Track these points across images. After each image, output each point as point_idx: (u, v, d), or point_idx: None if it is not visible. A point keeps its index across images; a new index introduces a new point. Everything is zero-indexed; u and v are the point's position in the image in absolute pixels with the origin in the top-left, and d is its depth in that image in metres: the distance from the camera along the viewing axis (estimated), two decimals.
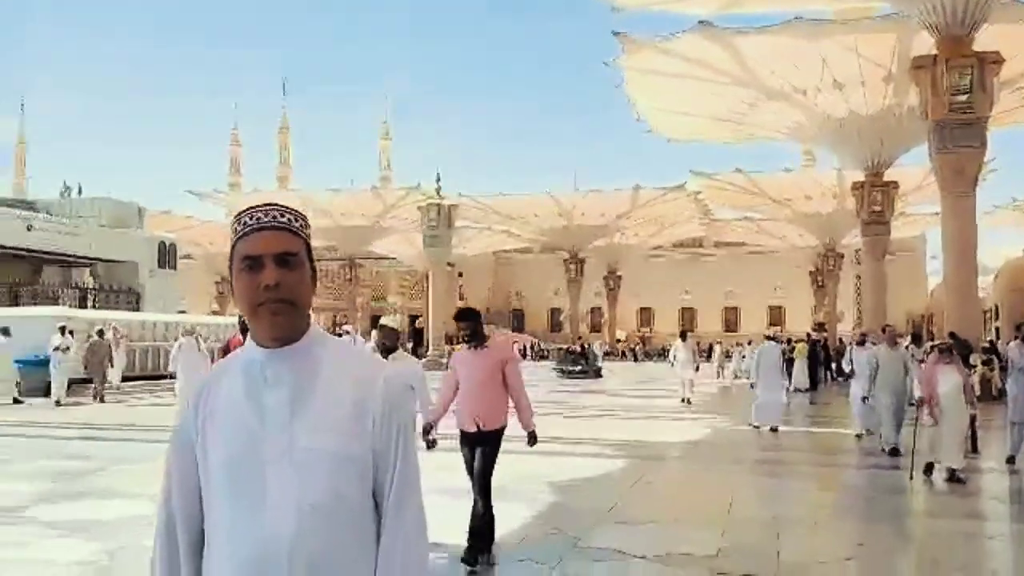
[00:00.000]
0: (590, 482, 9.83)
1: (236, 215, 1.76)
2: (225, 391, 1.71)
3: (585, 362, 35.70)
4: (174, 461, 1.74)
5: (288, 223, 1.73)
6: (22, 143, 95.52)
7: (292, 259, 1.70)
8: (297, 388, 1.67)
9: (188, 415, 1.73)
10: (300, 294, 1.70)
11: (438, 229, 44.10)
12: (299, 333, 1.72)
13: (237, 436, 1.65)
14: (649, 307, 76.06)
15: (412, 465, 1.73)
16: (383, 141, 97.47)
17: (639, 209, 58.01)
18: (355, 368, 1.74)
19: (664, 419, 17.53)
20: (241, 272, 1.69)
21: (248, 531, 1.60)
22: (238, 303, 1.71)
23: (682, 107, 36.88)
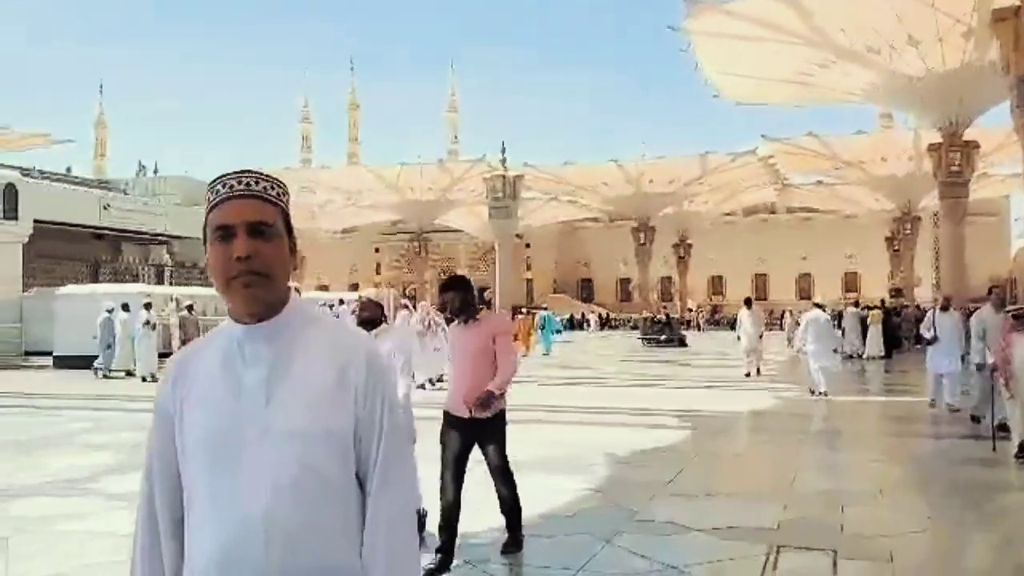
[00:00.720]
0: (650, 453, 9.72)
1: (210, 183, 1.68)
2: (204, 368, 1.65)
3: (670, 331, 35.92)
4: (154, 438, 1.69)
5: (263, 191, 1.65)
6: (102, 125, 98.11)
7: (267, 229, 1.62)
8: (275, 366, 1.61)
9: (166, 391, 1.68)
10: (276, 266, 1.63)
11: (503, 200, 44.07)
12: (277, 307, 1.65)
13: (214, 414, 1.60)
14: (720, 275, 75.04)
15: (397, 440, 1.67)
16: (450, 114, 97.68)
17: (708, 176, 57.03)
18: (336, 341, 1.67)
19: (730, 389, 17.28)
20: (214, 243, 1.62)
21: (225, 509, 1.56)
22: (212, 276, 1.64)
23: (750, 70, 35.95)
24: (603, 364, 26.10)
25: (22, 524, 6.56)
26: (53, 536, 6.24)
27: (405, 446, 1.71)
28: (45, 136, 56.07)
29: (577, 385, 18.99)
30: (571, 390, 17.86)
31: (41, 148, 56.88)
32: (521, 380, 19.23)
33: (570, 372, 22.62)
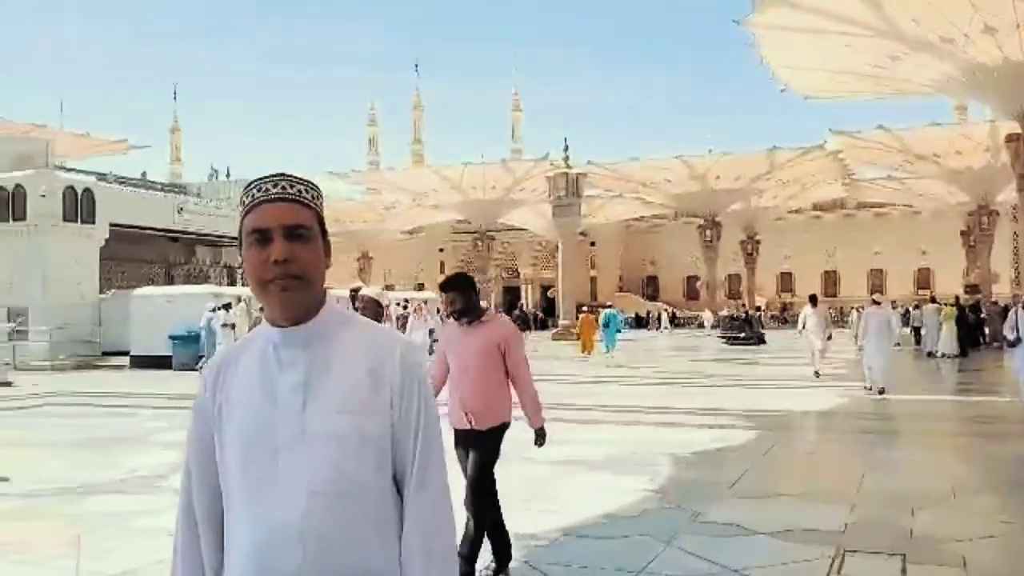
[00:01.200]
0: (716, 454, 9.62)
1: (245, 187, 1.69)
2: (241, 371, 1.67)
3: (749, 328, 35.71)
4: (193, 439, 1.71)
5: (299, 194, 1.65)
6: (176, 130, 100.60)
7: (303, 232, 1.62)
8: (311, 370, 1.62)
9: (206, 396, 1.69)
10: (312, 269, 1.63)
11: (566, 198, 43.93)
12: (313, 311, 1.65)
13: (251, 419, 1.61)
14: (790, 272, 73.64)
15: (434, 444, 1.66)
16: (514, 113, 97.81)
17: (776, 171, 56.09)
18: (370, 342, 1.67)
19: (800, 388, 16.95)
20: (250, 247, 1.62)
21: (261, 514, 1.57)
22: (248, 280, 1.64)
23: (818, 63, 35.29)
24: (671, 363, 25.89)
25: (96, 521, 6.77)
26: (126, 532, 6.43)
27: (441, 448, 1.68)
28: (123, 143, 57.86)
29: (643, 384, 18.86)
30: (637, 389, 17.75)
31: (119, 155, 58.75)
32: (587, 380, 19.28)
33: (636, 371, 22.49)
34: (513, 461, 9.19)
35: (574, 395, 16.23)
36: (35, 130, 43.35)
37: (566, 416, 13.11)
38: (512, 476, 8.41)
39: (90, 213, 27.36)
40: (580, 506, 7.14)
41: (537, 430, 5.42)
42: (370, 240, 71.59)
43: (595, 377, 20.48)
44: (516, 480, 8.22)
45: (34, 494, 7.87)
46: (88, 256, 27.42)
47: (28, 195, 26.11)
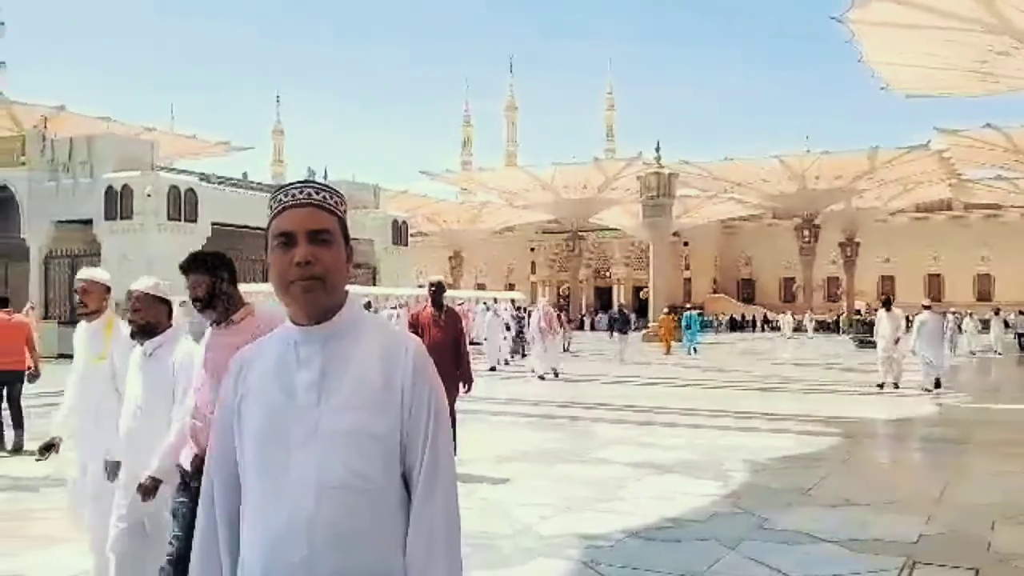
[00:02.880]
0: (792, 460, 9.42)
1: (273, 192, 1.77)
2: (262, 367, 1.73)
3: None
4: (217, 432, 1.78)
5: (322, 200, 1.73)
6: (279, 132, 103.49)
7: (326, 236, 1.69)
8: (326, 368, 1.68)
9: (229, 389, 1.77)
10: (333, 271, 1.69)
11: (658, 199, 43.52)
12: (332, 311, 1.71)
13: (267, 413, 1.68)
14: (891, 275, 71.29)
15: (443, 448, 1.70)
16: (608, 112, 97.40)
17: (878, 171, 54.43)
18: (385, 344, 1.72)
19: (885, 395, 16.38)
20: (275, 249, 1.70)
21: (273, 507, 1.63)
22: (272, 281, 1.71)
23: (921, 60, 34.06)
24: (757, 366, 25.42)
25: None
26: None
27: (450, 448, 1.72)
28: (224, 144, 59.79)
29: (723, 388, 18.57)
30: (717, 392, 17.51)
31: (222, 156, 60.77)
32: (666, 382, 19.10)
33: (719, 375, 22.18)
34: (586, 462, 9.29)
35: (651, 397, 16.15)
36: (143, 133, 45.17)
37: (640, 419, 13.09)
38: (582, 477, 8.48)
39: (193, 212, 28.38)
40: (647, 508, 7.11)
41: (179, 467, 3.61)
42: (462, 239, 72.31)
43: (674, 380, 20.28)
44: (586, 481, 8.27)
45: None
46: None
47: (135, 195, 27.25)
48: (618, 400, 15.43)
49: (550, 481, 8.32)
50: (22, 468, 8.86)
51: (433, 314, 8.19)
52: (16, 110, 45.58)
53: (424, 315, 8.22)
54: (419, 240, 54.55)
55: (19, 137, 31.80)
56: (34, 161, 29.27)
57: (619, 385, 18.98)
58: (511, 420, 13.07)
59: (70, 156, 29.01)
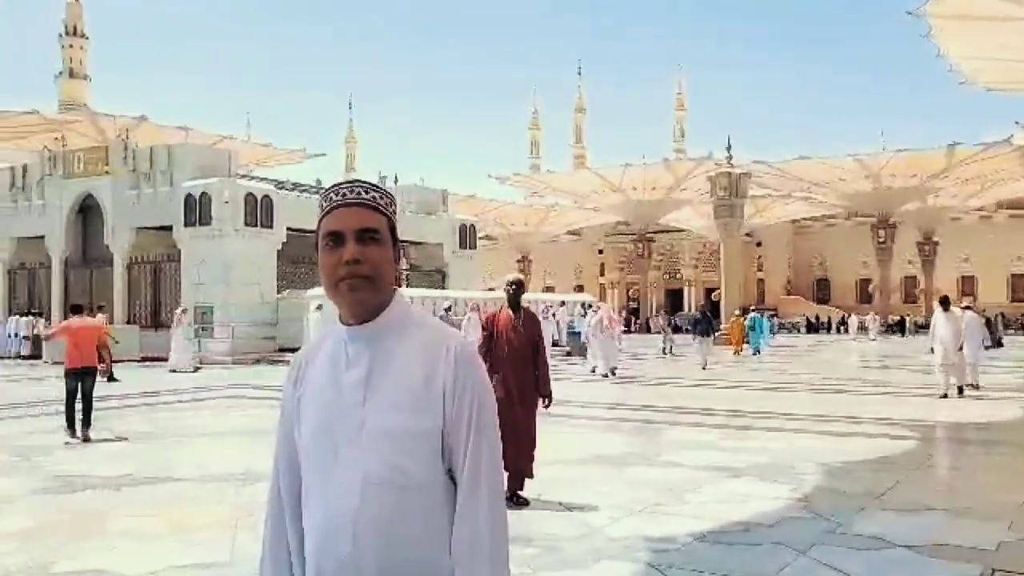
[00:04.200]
0: (865, 464, 9.24)
1: (323, 192, 1.79)
2: (317, 368, 1.78)
3: (988, 331, 35.37)
4: (280, 432, 1.84)
5: (372, 200, 1.75)
6: (351, 139, 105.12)
7: (374, 235, 1.72)
8: (373, 366, 1.71)
9: (288, 389, 1.82)
10: (380, 271, 1.71)
11: (729, 199, 42.97)
12: (380, 310, 1.73)
13: (320, 411, 1.72)
14: (972, 275, 69.18)
15: (488, 443, 1.70)
16: (678, 112, 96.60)
17: (956, 168, 52.97)
18: (429, 340, 1.73)
19: (964, 397, 15.88)
20: (325, 248, 1.72)
21: (322, 503, 1.68)
22: (322, 280, 1.73)
23: (1003, 53, 32.96)
24: (829, 369, 24.94)
25: (255, 507, 7.24)
26: None
27: (496, 445, 1.73)
28: (300, 151, 61.06)
29: (796, 391, 18.27)
30: (790, 395, 17.24)
31: (297, 164, 62.05)
32: (739, 385, 18.87)
33: (794, 376, 21.84)
34: (655, 465, 9.25)
35: (725, 400, 15.98)
36: (221, 141, 46.44)
37: (711, 421, 12.98)
38: (653, 479, 8.45)
39: (268, 218, 29.04)
40: (717, 512, 7.06)
41: None
42: (530, 242, 72.48)
43: (747, 383, 20.03)
44: (656, 483, 8.23)
45: (202, 479, 8.52)
46: (266, 258, 29.12)
47: (213, 201, 28.00)
48: (690, 403, 15.33)
49: (620, 484, 8.31)
50: (104, 467, 9.20)
51: (510, 317, 7.44)
52: (101, 121, 47.29)
53: (501, 318, 7.47)
54: (486, 244, 54.81)
55: (103, 147, 32.96)
56: (117, 170, 30.33)
57: (691, 388, 18.83)
58: (581, 423, 13.07)
59: (151, 165, 29.97)
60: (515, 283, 7.52)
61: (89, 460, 9.75)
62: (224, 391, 17.87)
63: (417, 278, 36.71)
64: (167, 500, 7.69)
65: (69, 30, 76.21)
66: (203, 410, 15.32)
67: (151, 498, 7.78)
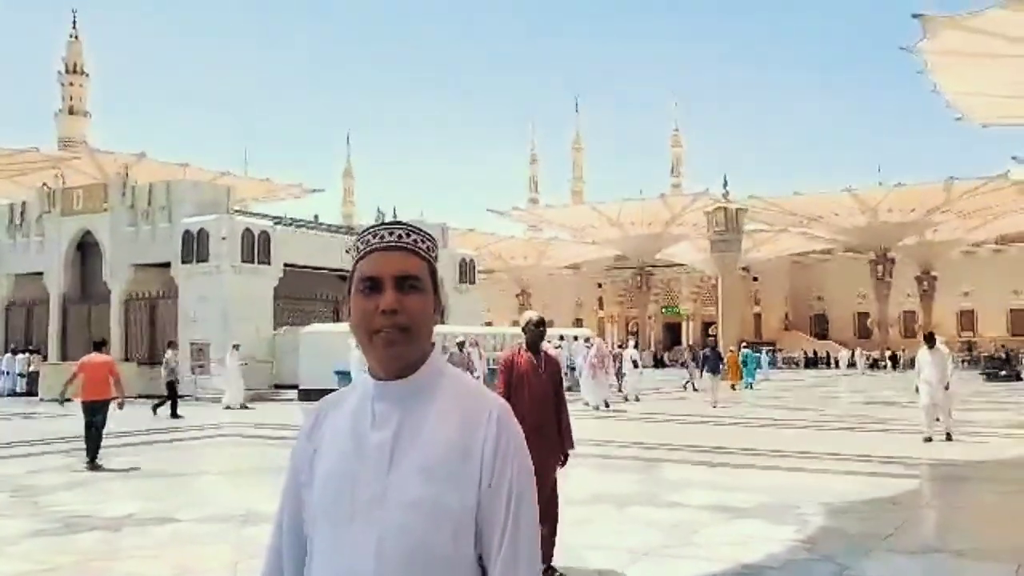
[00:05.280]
0: (870, 504, 9.16)
1: (360, 233, 1.66)
2: (337, 422, 1.62)
3: (1008, 367, 37.62)
4: (287, 487, 1.68)
5: (414, 244, 1.60)
6: (349, 174, 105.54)
7: (415, 283, 1.57)
8: (402, 429, 1.55)
9: (302, 442, 1.67)
10: (420, 321, 1.56)
11: (726, 234, 43.21)
12: (416, 366, 1.58)
13: (337, 471, 1.57)
14: (971, 309, 69.25)
15: (525, 532, 1.54)
16: (674, 149, 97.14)
17: (954, 203, 53.26)
18: (468, 406, 1.58)
19: (967, 435, 15.79)
20: (359, 294, 1.58)
21: (330, 567, 1.54)
22: (353, 329, 1.59)
23: (998, 89, 33.31)
24: (828, 406, 24.86)
25: (255, 549, 7.16)
26: None
27: (536, 527, 1.57)
28: (298, 186, 61.29)
29: (798, 428, 18.19)
30: (792, 433, 17.16)
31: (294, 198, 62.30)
32: (739, 422, 18.78)
33: (787, 413, 21.75)
34: (660, 505, 9.16)
35: (723, 437, 15.88)
36: (219, 177, 46.60)
37: (717, 460, 12.88)
38: (657, 520, 8.37)
39: (266, 254, 29.08)
40: (725, 554, 6.99)
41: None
42: (529, 276, 72.61)
43: (747, 419, 19.95)
44: (661, 524, 8.15)
45: (203, 520, 8.43)
46: (264, 294, 29.10)
47: (211, 238, 28.05)
48: (689, 439, 15.23)
49: (624, 525, 8.24)
50: (105, 507, 9.11)
51: (531, 360, 6.61)
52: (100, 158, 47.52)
53: (521, 361, 6.65)
54: (486, 277, 54.83)
55: (102, 184, 33.10)
56: (116, 207, 30.42)
57: (689, 425, 18.73)
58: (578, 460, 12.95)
59: (150, 202, 30.07)
60: (538, 323, 6.72)
61: (91, 500, 9.66)
62: (223, 428, 17.76)
63: None
64: (168, 541, 7.61)
65: (69, 67, 76.82)
66: (203, 448, 15.23)
67: (153, 540, 7.69)
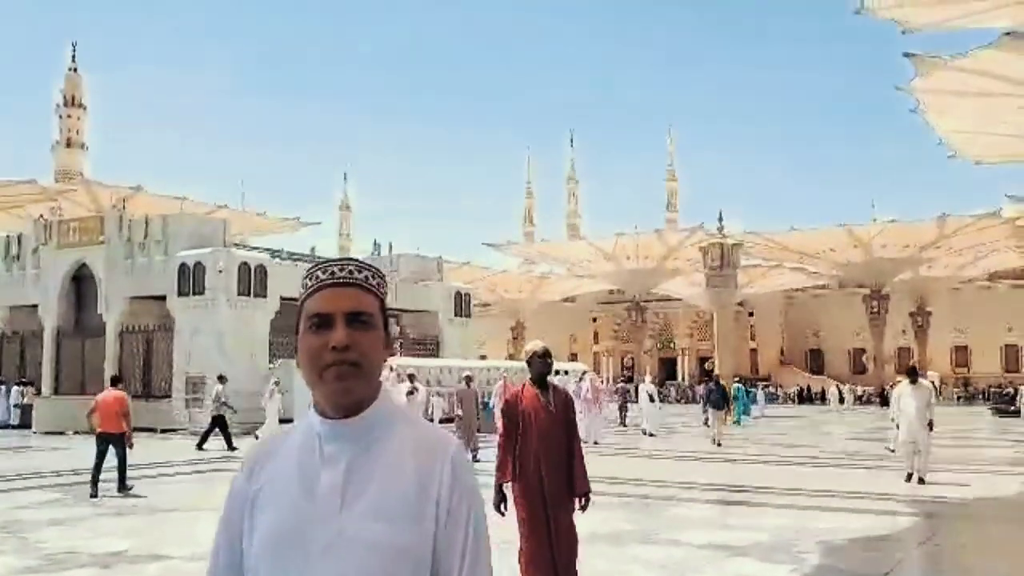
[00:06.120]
0: (865, 542, 9.10)
1: (309, 269, 1.64)
2: (280, 463, 1.57)
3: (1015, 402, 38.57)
4: (224, 524, 1.61)
5: (365, 280, 1.60)
6: (346, 207, 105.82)
7: (366, 319, 1.56)
8: (354, 468, 1.52)
9: (241, 484, 1.60)
10: (371, 358, 1.55)
11: (721, 269, 43.33)
12: (365, 403, 1.57)
13: (286, 514, 1.52)
14: (965, 345, 69.33)
15: (483, 556, 1.54)
16: (669, 183, 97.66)
17: (947, 239, 53.46)
18: (421, 445, 1.56)
19: (964, 471, 15.71)
20: (308, 331, 1.55)
21: None
22: (302, 367, 1.56)
23: (990, 127, 33.60)
24: (824, 442, 24.77)
25: None
26: None
27: (489, 557, 1.57)
28: (294, 220, 61.40)
29: (796, 465, 18.12)
30: (789, 470, 17.09)
31: (290, 232, 62.39)
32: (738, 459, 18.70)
33: (782, 450, 21.67)
34: (656, 543, 9.09)
35: (718, 474, 15.80)
36: (216, 211, 46.69)
37: (714, 497, 12.81)
38: (653, 559, 8.30)
39: (262, 287, 29.07)
40: None
41: None
42: (524, 310, 72.61)
43: (743, 456, 19.87)
44: (656, 563, 8.09)
45: (192, 558, 8.34)
46: (259, 328, 29.04)
47: (207, 271, 28.05)
48: (684, 477, 15.15)
49: (622, 564, 8.16)
50: (94, 544, 9.02)
51: (538, 396, 5.93)
52: (96, 191, 47.63)
53: (527, 397, 5.94)
54: (480, 311, 54.83)
55: (98, 217, 33.15)
56: (112, 240, 30.43)
57: (685, 462, 18.65)
58: None
59: (146, 235, 30.09)
60: (543, 353, 6.04)
61: (79, 536, 9.57)
62: (215, 463, 17.65)
63: (411, 346, 36.63)
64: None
65: (68, 100, 77.18)
66: (195, 483, 15.12)
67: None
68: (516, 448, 5.77)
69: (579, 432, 6.15)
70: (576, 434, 6.03)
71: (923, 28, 29.21)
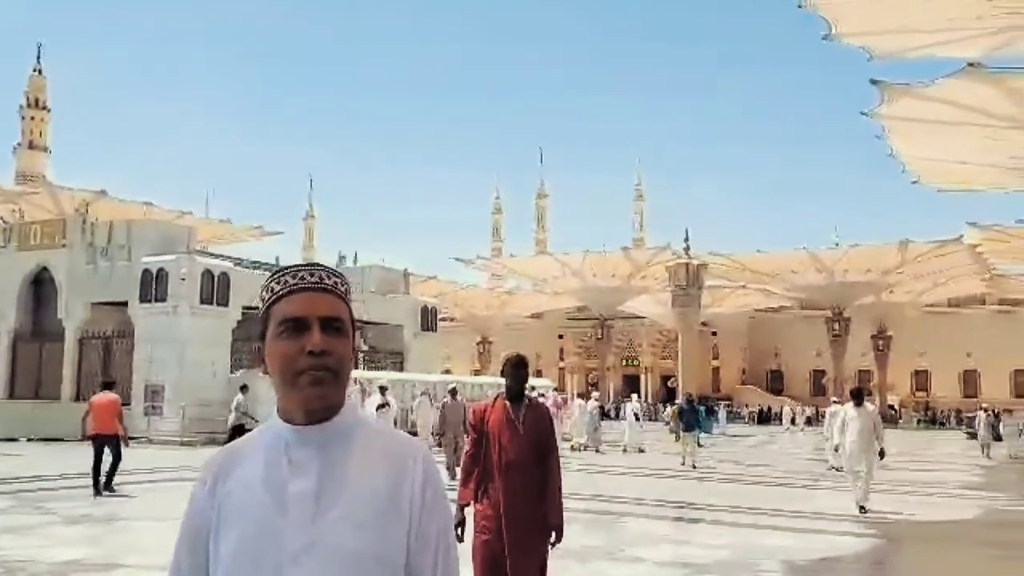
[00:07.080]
0: (827, 563, 9.15)
1: (274, 273, 1.61)
2: (246, 473, 1.53)
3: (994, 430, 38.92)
4: (185, 533, 1.56)
5: (335, 287, 1.58)
6: (311, 217, 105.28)
7: (338, 325, 1.54)
8: (325, 476, 1.49)
9: (203, 497, 1.55)
10: (345, 365, 1.54)
11: (687, 289, 43.64)
12: (334, 410, 1.54)
13: (255, 524, 1.48)
14: (925, 369, 70.36)
15: (453, 561, 1.56)
16: (636, 202, 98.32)
17: (909, 264, 54.26)
18: (391, 451, 1.55)
19: (928, 494, 15.97)
20: (280, 336, 1.52)
21: None
22: (272, 372, 1.53)
23: (953, 155, 34.25)
24: (785, 462, 24.93)
25: None
26: None
27: (458, 562, 1.58)
28: (257, 229, 60.89)
29: (754, 484, 18.19)
30: (750, 489, 17.15)
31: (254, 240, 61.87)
32: (698, 477, 18.76)
33: (746, 470, 21.77)
34: (619, 560, 9.07)
35: (685, 492, 15.83)
36: (180, 217, 46.20)
37: (674, 514, 12.81)
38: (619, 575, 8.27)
39: (225, 296, 28.74)
40: None
41: None
42: (490, 325, 72.56)
43: (707, 475, 19.93)
44: None
45: (149, 568, 8.17)
46: (221, 336, 28.69)
47: (170, 278, 27.70)
48: (646, 494, 15.15)
49: None
50: (50, 552, 8.82)
51: (508, 413, 5.17)
52: (59, 194, 46.87)
53: (493, 415, 5.21)
54: (447, 325, 54.71)
55: (60, 220, 32.63)
56: (74, 244, 29.98)
57: (653, 479, 18.66)
58: None
59: (109, 240, 29.69)
60: (516, 363, 5.27)
61: (35, 545, 9.35)
62: (176, 471, 17.36)
63: (376, 359, 36.38)
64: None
65: (31, 102, 76.21)
66: (154, 492, 14.85)
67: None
68: (479, 465, 5.13)
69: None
70: (552, 458, 5.17)
71: (890, 56, 29.77)
